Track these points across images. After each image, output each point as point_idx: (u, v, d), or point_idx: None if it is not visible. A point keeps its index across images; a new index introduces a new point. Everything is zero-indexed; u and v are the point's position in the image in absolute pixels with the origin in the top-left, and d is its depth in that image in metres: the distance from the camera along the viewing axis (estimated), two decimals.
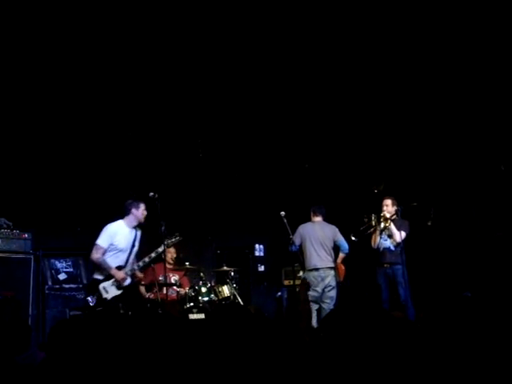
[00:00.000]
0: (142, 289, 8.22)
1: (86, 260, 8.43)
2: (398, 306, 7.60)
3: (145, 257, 7.27)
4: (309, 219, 8.37)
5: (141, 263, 7.25)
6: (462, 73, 8.48)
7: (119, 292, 7.03)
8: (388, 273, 7.85)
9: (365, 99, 9.41)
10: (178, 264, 8.59)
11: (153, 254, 7.25)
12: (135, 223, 7.29)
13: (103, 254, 7.03)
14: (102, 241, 7.06)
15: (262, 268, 11.00)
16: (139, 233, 7.36)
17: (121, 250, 7.14)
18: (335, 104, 9.60)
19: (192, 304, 7.79)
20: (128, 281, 7.17)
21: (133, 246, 7.25)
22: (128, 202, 7.31)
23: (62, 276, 8.70)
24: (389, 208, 8.03)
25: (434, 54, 8.33)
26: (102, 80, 8.62)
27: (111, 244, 7.08)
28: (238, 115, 9.75)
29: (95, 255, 7.02)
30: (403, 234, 7.84)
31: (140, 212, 7.26)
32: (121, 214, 7.35)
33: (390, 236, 7.91)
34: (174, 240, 7.46)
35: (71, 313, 8.32)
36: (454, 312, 3.62)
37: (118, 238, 7.13)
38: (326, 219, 8.35)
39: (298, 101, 9.56)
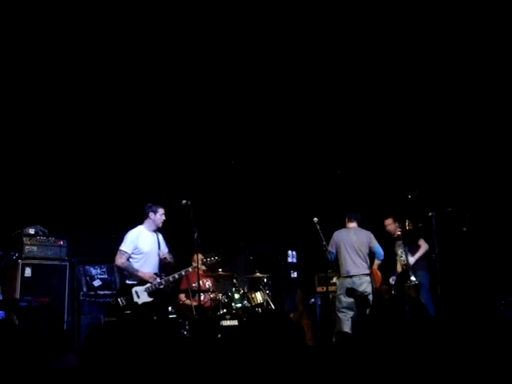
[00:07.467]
0: (182, 296, 8.31)
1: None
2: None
3: (177, 272, 7.26)
4: (343, 225, 8.30)
5: (171, 278, 7.22)
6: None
7: (150, 299, 7.03)
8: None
9: (397, 104, 9.32)
10: (211, 270, 8.59)
11: (183, 272, 7.27)
12: (154, 227, 7.30)
13: (127, 259, 7.09)
14: (125, 246, 7.12)
15: (294, 274, 10.93)
16: (161, 236, 7.37)
17: (146, 254, 7.16)
18: (367, 109, 9.53)
19: (225, 310, 7.78)
20: (157, 280, 7.12)
21: (158, 248, 7.26)
22: (147, 206, 7.32)
23: (96, 282, 8.77)
24: (388, 228, 8.45)
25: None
26: (130, 88, 8.69)
27: (135, 248, 7.12)
28: (270, 122, 9.73)
29: (119, 260, 7.11)
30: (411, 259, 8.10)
31: (157, 216, 7.26)
32: None
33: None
34: (212, 259, 7.48)
35: (106, 319, 8.37)
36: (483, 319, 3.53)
37: (140, 242, 7.16)
38: (361, 225, 8.28)
39: (329, 107, 9.51)
